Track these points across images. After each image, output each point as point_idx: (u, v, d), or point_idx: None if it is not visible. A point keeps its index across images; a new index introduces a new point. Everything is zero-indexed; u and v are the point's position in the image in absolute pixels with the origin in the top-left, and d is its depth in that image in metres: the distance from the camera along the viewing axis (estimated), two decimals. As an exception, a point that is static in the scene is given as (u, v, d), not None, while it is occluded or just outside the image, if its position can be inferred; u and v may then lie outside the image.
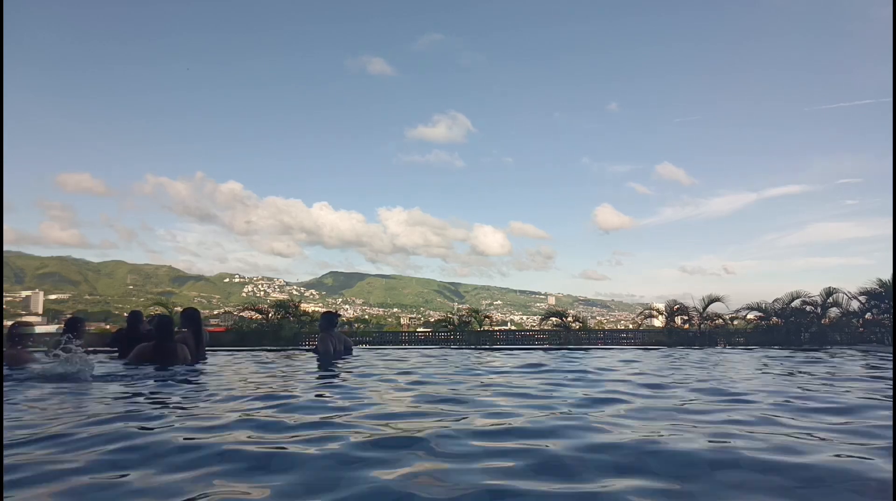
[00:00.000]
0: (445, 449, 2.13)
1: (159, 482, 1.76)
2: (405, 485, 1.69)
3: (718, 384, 4.43)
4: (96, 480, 1.77)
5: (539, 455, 2.07)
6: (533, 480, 1.77)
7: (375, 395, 3.74)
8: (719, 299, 16.11)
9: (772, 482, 1.77)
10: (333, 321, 7.52)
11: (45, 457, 2.03)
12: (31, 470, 1.85)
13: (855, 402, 3.45)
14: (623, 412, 3.02)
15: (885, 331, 14.09)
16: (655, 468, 1.92)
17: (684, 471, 1.88)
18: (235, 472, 1.86)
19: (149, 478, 1.79)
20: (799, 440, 2.34)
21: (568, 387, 4.19)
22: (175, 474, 1.83)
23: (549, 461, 2.00)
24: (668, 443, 2.24)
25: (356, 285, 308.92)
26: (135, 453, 2.07)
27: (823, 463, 1.98)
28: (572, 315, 18.13)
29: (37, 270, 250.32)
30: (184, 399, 3.46)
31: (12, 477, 1.78)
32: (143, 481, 1.76)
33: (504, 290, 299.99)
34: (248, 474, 1.85)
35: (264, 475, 1.83)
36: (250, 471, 1.88)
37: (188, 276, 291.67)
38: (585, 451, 2.11)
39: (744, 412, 3.04)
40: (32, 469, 1.87)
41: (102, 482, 1.76)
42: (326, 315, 7.63)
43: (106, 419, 2.71)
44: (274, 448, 2.17)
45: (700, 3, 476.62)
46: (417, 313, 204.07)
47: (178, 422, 2.68)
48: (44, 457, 2.03)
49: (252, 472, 1.87)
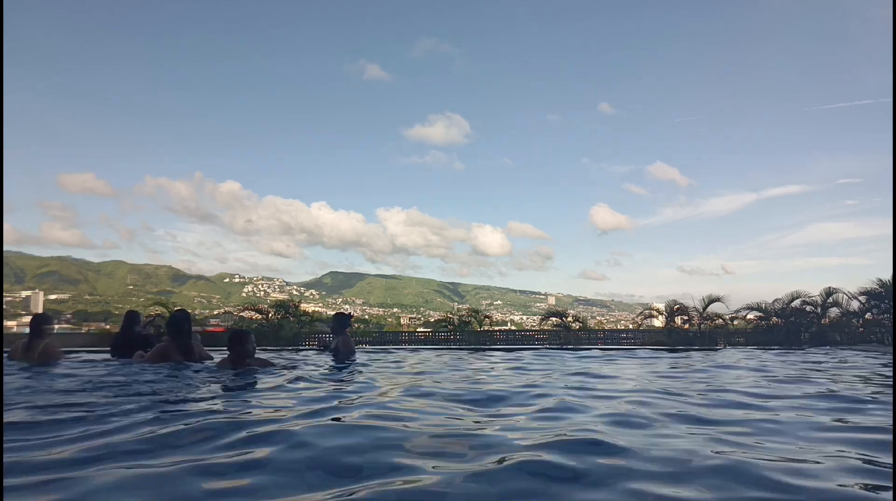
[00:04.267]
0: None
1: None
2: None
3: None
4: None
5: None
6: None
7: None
8: (719, 299, 16.12)
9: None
10: (347, 322, 7.50)
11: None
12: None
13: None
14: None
15: (885, 331, 14.10)
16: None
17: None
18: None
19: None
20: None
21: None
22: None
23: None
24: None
25: (356, 285, 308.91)
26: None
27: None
28: (572, 315, 18.15)
29: (37, 270, 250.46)
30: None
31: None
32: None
33: (504, 290, 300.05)
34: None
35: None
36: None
37: (188, 276, 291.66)
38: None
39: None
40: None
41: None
42: (340, 316, 7.50)
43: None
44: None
45: (700, 4, 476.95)
46: (417, 313, 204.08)
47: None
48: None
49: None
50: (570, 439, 2.29)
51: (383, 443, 2.21)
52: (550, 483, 1.76)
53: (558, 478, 1.80)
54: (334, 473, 1.87)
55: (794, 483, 1.75)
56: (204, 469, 1.85)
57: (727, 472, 1.86)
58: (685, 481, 1.78)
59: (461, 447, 2.20)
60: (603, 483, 1.75)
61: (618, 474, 1.83)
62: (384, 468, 1.90)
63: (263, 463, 1.93)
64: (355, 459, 2.00)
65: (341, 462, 1.98)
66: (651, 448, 2.14)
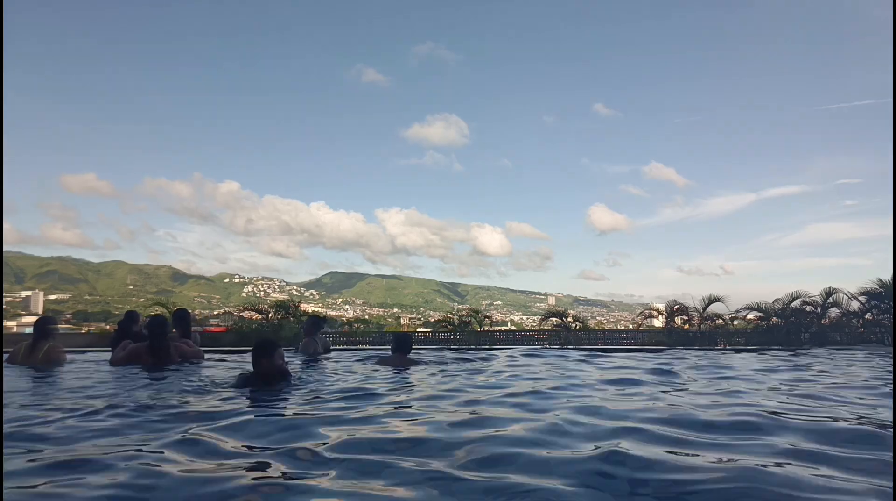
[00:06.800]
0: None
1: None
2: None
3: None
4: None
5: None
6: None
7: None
8: (719, 299, 16.10)
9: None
10: (320, 325, 8.08)
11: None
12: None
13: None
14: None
15: (885, 331, 14.09)
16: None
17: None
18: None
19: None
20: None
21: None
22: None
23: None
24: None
25: (356, 286, 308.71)
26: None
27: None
28: (572, 315, 18.14)
29: (37, 270, 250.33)
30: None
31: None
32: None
33: (504, 290, 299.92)
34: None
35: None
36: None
37: (188, 276, 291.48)
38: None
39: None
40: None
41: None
42: (313, 319, 8.27)
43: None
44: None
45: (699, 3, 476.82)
46: (417, 313, 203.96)
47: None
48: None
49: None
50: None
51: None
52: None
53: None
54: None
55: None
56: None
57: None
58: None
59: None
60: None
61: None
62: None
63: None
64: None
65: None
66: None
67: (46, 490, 1.71)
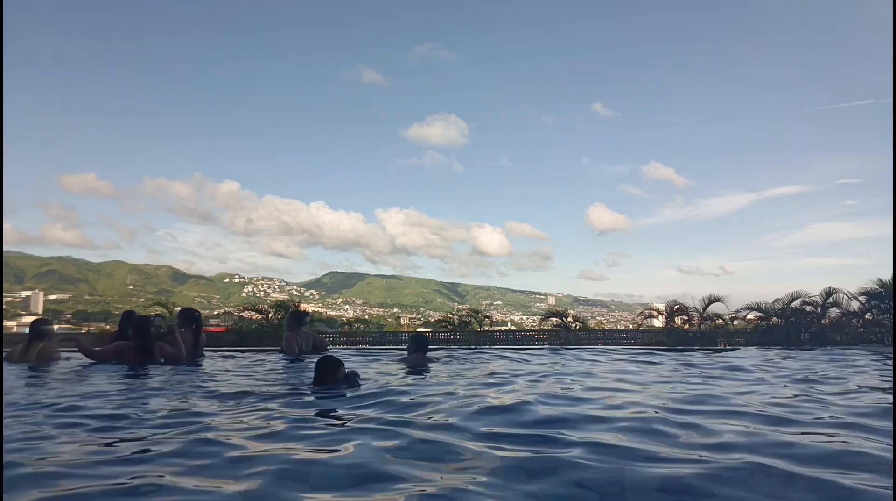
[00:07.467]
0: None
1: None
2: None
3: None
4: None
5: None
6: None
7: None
8: (719, 299, 16.08)
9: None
10: (301, 320, 7.64)
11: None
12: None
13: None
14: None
15: (885, 331, 14.09)
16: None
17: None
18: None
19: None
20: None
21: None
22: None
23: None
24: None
25: (356, 286, 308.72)
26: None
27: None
28: (572, 315, 18.12)
29: (37, 270, 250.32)
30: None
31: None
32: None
33: (504, 290, 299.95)
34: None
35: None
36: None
37: (188, 276, 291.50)
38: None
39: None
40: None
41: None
42: (293, 314, 7.97)
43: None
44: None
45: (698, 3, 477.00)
46: (417, 313, 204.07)
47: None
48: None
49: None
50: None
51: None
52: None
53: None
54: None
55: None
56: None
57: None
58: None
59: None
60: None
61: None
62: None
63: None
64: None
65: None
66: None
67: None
